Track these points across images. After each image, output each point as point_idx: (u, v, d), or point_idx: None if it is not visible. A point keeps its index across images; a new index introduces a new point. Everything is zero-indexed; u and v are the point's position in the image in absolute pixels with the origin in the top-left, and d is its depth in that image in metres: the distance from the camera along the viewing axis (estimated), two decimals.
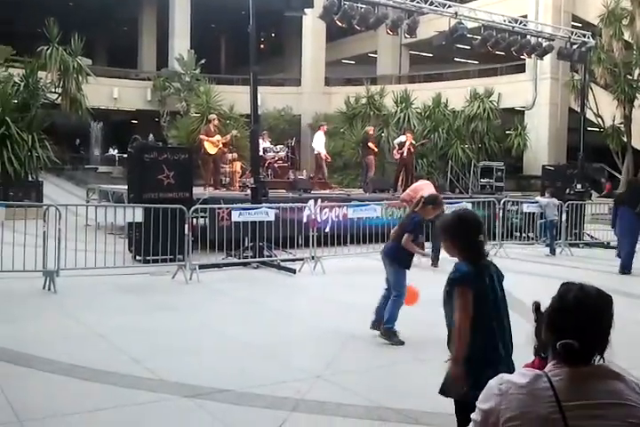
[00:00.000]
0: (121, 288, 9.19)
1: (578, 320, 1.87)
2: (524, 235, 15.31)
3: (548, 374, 1.85)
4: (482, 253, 3.27)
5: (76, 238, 9.49)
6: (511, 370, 2.99)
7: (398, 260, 6.67)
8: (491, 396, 1.87)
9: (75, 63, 21.02)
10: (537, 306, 2.11)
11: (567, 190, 16.45)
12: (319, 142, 18.40)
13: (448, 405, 3.59)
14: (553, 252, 14.06)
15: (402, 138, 18.46)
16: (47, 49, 20.72)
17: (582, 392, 1.80)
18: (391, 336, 6.44)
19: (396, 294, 6.57)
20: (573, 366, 1.86)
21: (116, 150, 31.95)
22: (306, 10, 12.98)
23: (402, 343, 6.40)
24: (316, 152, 18.49)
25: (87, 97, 21.75)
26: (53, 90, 21.11)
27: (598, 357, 1.91)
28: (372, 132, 18.88)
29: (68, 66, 20.80)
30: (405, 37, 17.65)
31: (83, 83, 21.37)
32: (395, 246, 6.70)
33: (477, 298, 3.11)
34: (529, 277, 10.91)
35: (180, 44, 33.17)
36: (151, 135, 27.01)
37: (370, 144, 18.26)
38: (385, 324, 6.51)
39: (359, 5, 13.90)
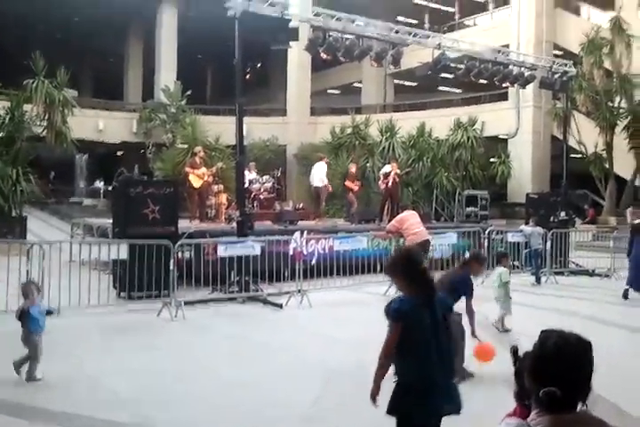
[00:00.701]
0: (106, 327, 9.09)
1: (559, 368, 1.88)
2: (509, 263, 15.31)
3: (530, 424, 1.86)
4: (425, 287, 3.49)
5: (59, 275, 9.43)
6: (452, 394, 3.47)
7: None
8: None
9: (60, 96, 21.04)
10: (514, 350, 2.12)
11: (551, 218, 16.55)
12: (320, 174, 18.09)
13: None
14: (538, 280, 14.10)
15: (387, 168, 18.55)
16: (33, 82, 20.75)
17: None
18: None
19: None
20: (556, 414, 1.87)
21: (102, 183, 31.90)
22: (291, 42, 13.13)
23: (471, 376, 6.29)
24: (315, 185, 18.14)
25: (72, 129, 21.73)
26: (39, 123, 21.08)
27: (581, 404, 1.92)
28: (353, 170, 18.40)
29: (53, 99, 20.81)
30: (390, 68, 17.86)
31: (68, 115, 21.37)
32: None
33: (412, 329, 3.41)
34: (515, 307, 10.90)
35: (167, 75, 33.38)
36: (136, 167, 27.03)
37: (347, 182, 18.06)
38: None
39: (344, 37, 14.09)
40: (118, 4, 32.34)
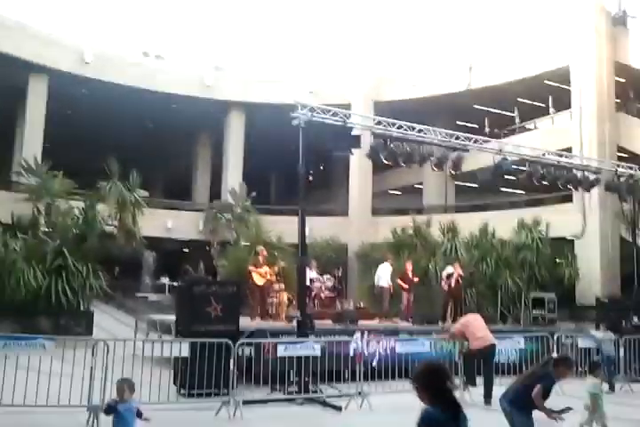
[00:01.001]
0: (164, 424, 9.02)
1: None
2: (580, 369, 14.68)
3: None
4: (450, 399, 3.52)
5: (122, 371, 9.53)
6: None
7: (526, 406, 6.31)
8: None
9: (132, 197, 22.10)
10: None
11: (623, 323, 15.93)
12: (385, 274, 18.01)
13: None
14: (612, 388, 13.41)
15: (449, 269, 18.43)
16: (107, 184, 21.93)
17: None
18: None
19: None
20: None
21: (167, 279, 32.57)
22: (353, 149, 13.59)
23: None
24: (381, 285, 17.96)
25: (142, 227, 22.60)
26: (110, 222, 22.04)
27: None
28: (408, 267, 18.46)
29: (125, 200, 21.89)
30: (451, 172, 18.14)
31: (139, 215, 22.30)
32: (523, 392, 6.36)
33: None
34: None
35: (233, 177, 34.60)
36: (202, 264, 27.58)
37: (399, 280, 18.02)
38: None
39: (405, 144, 14.47)
40: (189, 110, 34.30)
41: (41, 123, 29.56)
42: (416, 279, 18.28)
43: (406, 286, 18.02)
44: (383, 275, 17.92)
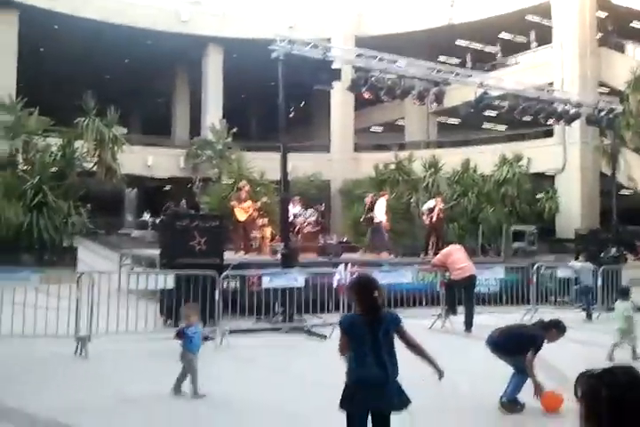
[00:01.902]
0: (152, 353, 9.17)
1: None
2: (558, 299, 15.05)
3: None
4: (371, 306, 4.17)
5: (108, 303, 9.60)
6: (387, 394, 4.16)
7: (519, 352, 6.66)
8: None
9: (110, 133, 21.74)
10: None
11: (602, 254, 16.22)
12: (380, 210, 17.94)
13: None
14: (590, 317, 13.77)
15: (430, 203, 18.52)
16: (84, 120, 21.51)
17: None
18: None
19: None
20: None
21: (149, 215, 32.53)
22: (333, 83, 13.35)
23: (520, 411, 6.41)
24: (377, 220, 18.01)
25: (122, 165, 22.35)
26: (89, 159, 21.76)
27: None
28: (368, 200, 18.38)
29: (104, 136, 21.54)
30: (432, 106, 17.96)
31: (118, 152, 22.01)
32: (513, 344, 6.75)
33: (355, 340, 4.20)
34: (566, 343, 10.64)
35: (213, 113, 34.11)
36: (184, 201, 27.46)
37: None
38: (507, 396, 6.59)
39: (386, 77, 14.25)
40: (166, 46, 33.41)
41: (13, 60, 28.68)
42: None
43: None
44: (380, 210, 17.84)
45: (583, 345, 10.28)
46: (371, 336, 4.16)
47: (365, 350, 4.17)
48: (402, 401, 4.26)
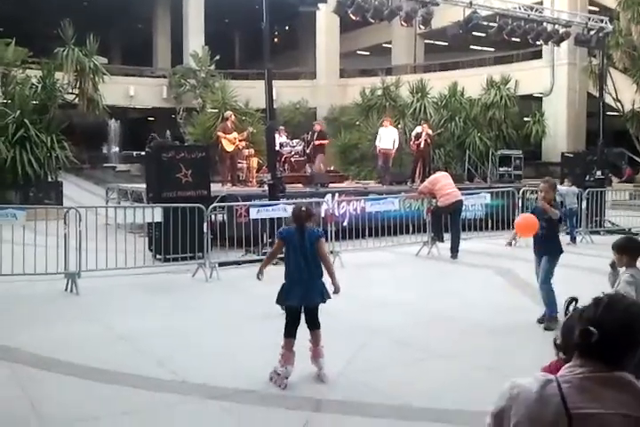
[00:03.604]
0: (142, 288, 9.25)
1: (615, 331, 1.75)
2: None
3: (559, 380, 1.78)
4: (300, 222, 5.37)
5: (96, 239, 9.61)
6: (310, 291, 5.32)
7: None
8: (502, 400, 1.82)
9: (91, 63, 21.12)
10: (571, 300, 2.02)
11: (587, 177, 16.25)
12: (384, 138, 17.50)
13: (472, 402, 3.58)
14: (574, 240, 13.92)
15: (418, 129, 18.32)
16: (63, 50, 20.83)
17: (591, 401, 1.72)
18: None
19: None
20: (590, 366, 1.78)
21: (117, 148, 32.36)
22: (319, 4, 12.90)
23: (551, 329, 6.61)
24: (388, 147, 17.45)
25: (104, 96, 21.85)
26: (70, 90, 21.22)
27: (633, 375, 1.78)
28: (319, 128, 17.93)
29: (84, 66, 20.91)
30: (420, 28, 17.43)
31: (99, 82, 21.47)
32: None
33: (287, 245, 5.44)
34: None
35: (195, 40, 33.17)
36: (168, 132, 27.03)
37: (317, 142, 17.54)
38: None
39: None
40: None
41: None
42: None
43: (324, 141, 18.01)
44: (391, 137, 17.48)
45: (566, 268, 10.42)
46: (300, 245, 5.36)
47: (298, 258, 5.35)
48: (322, 296, 5.38)
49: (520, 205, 14.21)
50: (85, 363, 5.68)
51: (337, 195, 14.05)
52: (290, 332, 5.36)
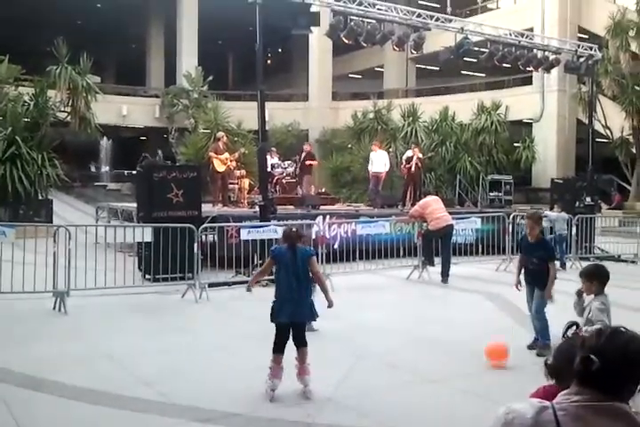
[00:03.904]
0: (131, 308, 9.21)
1: (616, 361, 1.75)
2: None
3: (555, 407, 1.79)
4: (291, 242, 5.60)
5: (85, 257, 9.57)
6: (300, 308, 5.52)
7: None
8: (497, 425, 1.83)
9: (84, 82, 21.20)
10: (571, 324, 2.04)
11: (576, 203, 16.37)
12: (376, 162, 17.75)
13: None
14: (563, 266, 13.97)
15: (409, 153, 18.48)
16: (56, 68, 20.91)
17: None
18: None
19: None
20: (587, 394, 1.79)
21: (108, 167, 32.43)
22: (312, 27, 13.06)
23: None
24: (379, 170, 17.70)
25: (96, 115, 21.92)
26: (63, 108, 21.27)
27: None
28: (308, 149, 18.25)
29: (77, 84, 20.98)
30: (412, 53, 17.66)
31: (92, 101, 21.53)
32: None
33: (279, 264, 5.66)
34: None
35: (188, 61, 33.39)
36: (160, 152, 27.11)
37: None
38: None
39: (366, 21, 13.95)
40: None
41: None
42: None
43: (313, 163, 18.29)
44: (382, 160, 17.71)
45: (556, 294, 10.44)
46: (292, 264, 5.56)
47: (288, 275, 5.55)
48: (311, 315, 5.67)
49: (510, 230, 14.28)
50: (72, 383, 5.64)
51: (328, 217, 14.09)
52: (279, 348, 5.54)
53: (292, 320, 5.53)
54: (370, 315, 8.91)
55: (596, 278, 5.01)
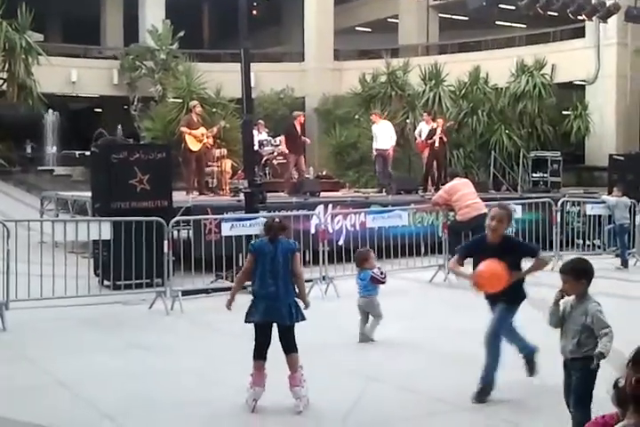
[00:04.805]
0: (86, 323, 9.24)
1: None
2: (587, 243, 15.27)
3: None
4: (274, 235, 6.12)
5: (28, 261, 9.59)
6: (280, 308, 5.92)
7: None
8: None
9: (22, 41, 21.17)
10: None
11: None
12: (380, 136, 17.81)
13: None
14: (625, 264, 14.02)
15: (423, 125, 18.55)
16: None
17: None
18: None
19: None
20: None
21: (55, 147, 32.40)
22: None
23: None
24: (378, 148, 17.87)
25: (39, 82, 21.90)
26: None
27: None
28: (299, 120, 17.76)
29: (14, 44, 20.96)
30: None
31: (33, 65, 21.51)
32: None
33: (259, 261, 6.08)
34: (599, 297, 10.82)
35: (153, 13, 33.24)
36: (119, 128, 27.13)
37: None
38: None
39: None
40: None
41: None
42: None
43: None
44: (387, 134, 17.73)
45: (618, 298, 10.49)
46: (271, 258, 6.02)
47: (265, 272, 6.00)
48: (291, 316, 5.96)
49: (559, 219, 14.31)
50: (14, 416, 5.68)
51: (330, 206, 14.10)
52: (258, 353, 5.98)
53: (266, 320, 5.95)
54: (385, 327, 8.92)
55: (584, 276, 4.93)
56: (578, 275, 4.90)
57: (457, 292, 11.70)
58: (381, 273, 8.66)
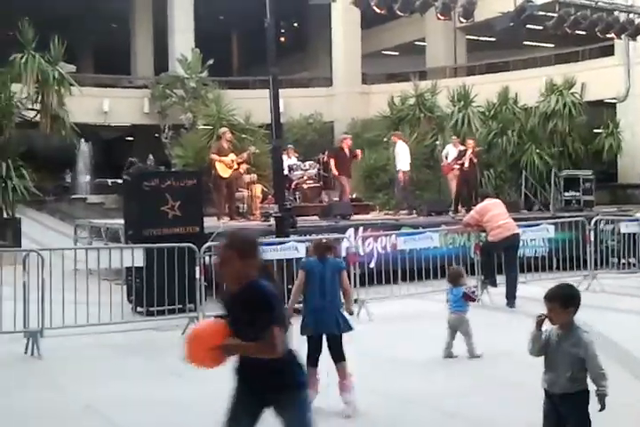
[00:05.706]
0: (120, 349, 9.27)
1: None
2: (623, 261, 15.07)
3: None
4: (321, 253, 6.78)
5: (62, 288, 9.65)
6: (329, 321, 6.49)
7: None
8: None
9: (55, 72, 21.44)
10: None
11: None
12: (401, 155, 17.94)
13: None
14: None
15: (450, 147, 18.55)
16: (21, 56, 21.19)
17: None
18: None
19: None
20: None
21: (88, 176, 32.79)
22: None
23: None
24: (397, 169, 17.99)
25: (72, 112, 22.16)
26: (30, 106, 21.54)
27: None
28: (347, 143, 17.94)
29: (47, 76, 21.22)
30: (461, 21, 17.67)
31: (65, 95, 21.77)
32: None
33: (310, 278, 6.68)
34: (631, 316, 10.67)
35: (182, 42, 33.67)
36: (151, 156, 27.38)
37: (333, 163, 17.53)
38: None
39: None
40: None
41: None
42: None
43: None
44: (400, 157, 17.81)
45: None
46: (320, 276, 6.64)
47: (315, 287, 6.62)
48: (339, 326, 6.54)
49: (592, 238, 14.15)
50: None
51: (361, 229, 14.08)
52: (310, 361, 6.38)
53: (317, 331, 6.54)
54: (415, 351, 8.85)
55: (572, 304, 4.56)
56: (565, 302, 4.54)
57: (490, 313, 11.58)
58: (473, 291, 8.92)
